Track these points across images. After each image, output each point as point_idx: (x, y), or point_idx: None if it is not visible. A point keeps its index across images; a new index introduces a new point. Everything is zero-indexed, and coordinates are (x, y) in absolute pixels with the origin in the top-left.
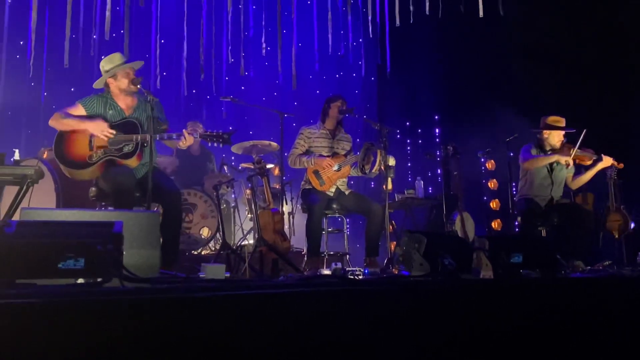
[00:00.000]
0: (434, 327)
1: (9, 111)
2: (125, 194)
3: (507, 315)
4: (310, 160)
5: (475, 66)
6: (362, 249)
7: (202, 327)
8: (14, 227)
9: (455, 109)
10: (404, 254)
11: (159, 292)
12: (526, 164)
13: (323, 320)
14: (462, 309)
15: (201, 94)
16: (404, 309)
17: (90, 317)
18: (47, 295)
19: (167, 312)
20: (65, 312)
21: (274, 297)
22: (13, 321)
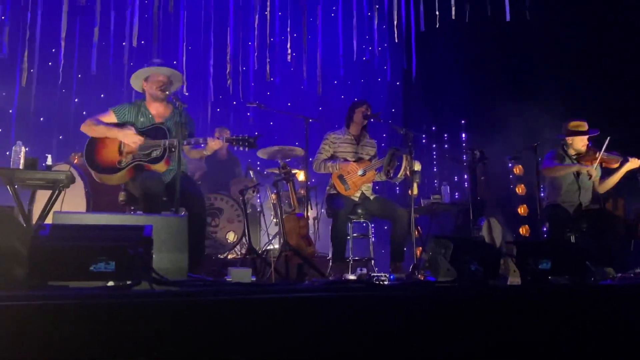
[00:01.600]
0: (460, 334)
1: (40, 117)
2: (153, 198)
3: (535, 322)
4: (335, 165)
5: (501, 70)
6: (387, 255)
7: (230, 330)
8: (48, 230)
9: (481, 113)
10: (430, 260)
11: (188, 295)
12: (545, 171)
13: (348, 325)
14: (489, 315)
15: (228, 100)
16: (430, 315)
17: (120, 320)
18: (79, 297)
19: (196, 314)
20: (96, 314)
21: (300, 302)
22: (46, 322)
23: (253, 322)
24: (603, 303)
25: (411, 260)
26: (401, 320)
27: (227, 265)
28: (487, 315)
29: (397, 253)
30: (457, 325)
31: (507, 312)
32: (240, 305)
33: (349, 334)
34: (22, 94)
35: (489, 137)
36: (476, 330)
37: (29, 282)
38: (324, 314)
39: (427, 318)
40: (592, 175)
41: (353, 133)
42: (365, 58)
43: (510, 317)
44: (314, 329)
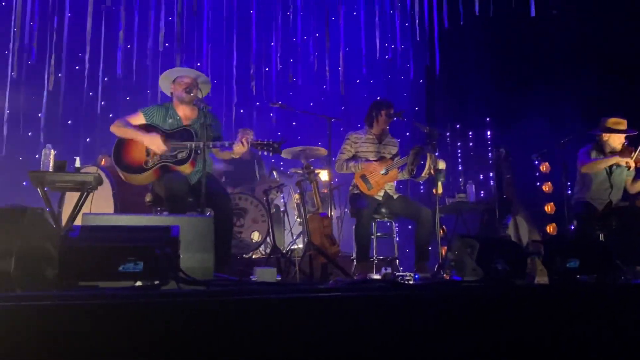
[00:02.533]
0: (486, 334)
1: (68, 120)
2: (178, 199)
3: (562, 322)
4: (357, 165)
5: (527, 66)
6: (412, 254)
7: (256, 328)
8: (78, 232)
9: (506, 110)
10: (456, 259)
11: (215, 294)
12: (584, 168)
13: (373, 325)
14: (516, 315)
15: (251, 101)
16: (456, 314)
17: (149, 319)
18: (109, 297)
19: (223, 314)
20: (125, 313)
21: (325, 301)
22: (76, 322)
23: (279, 321)
24: (633, 302)
25: (436, 259)
26: (427, 320)
27: (252, 265)
28: (514, 314)
29: (422, 252)
30: (484, 325)
31: (535, 311)
32: (266, 304)
33: (374, 334)
34: (50, 98)
35: (515, 134)
36: (503, 330)
37: (60, 282)
38: (349, 314)
39: (453, 318)
40: (630, 166)
41: (375, 132)
42: (387, 56)
43: (538, 317)
44: (339, 329)
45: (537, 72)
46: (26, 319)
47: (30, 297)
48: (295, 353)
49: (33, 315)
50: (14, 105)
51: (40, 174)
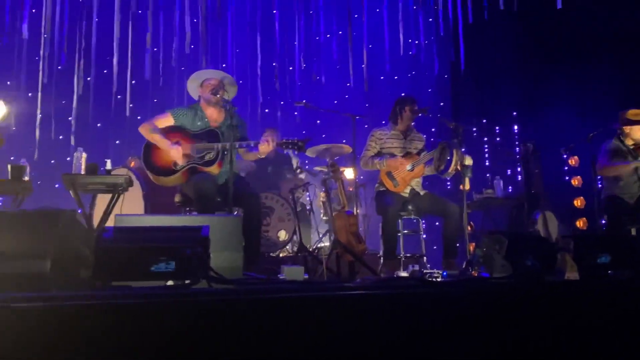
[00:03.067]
0: (516, 330)
1: (98, 123)
2: (207, 199)
3: (593, 318)
4: (382, 162)
5: (553, 59)
6: (440, 251)
7: (286, 326)
8: (111, 233)
9: (533, 104)
10: (484, 256)
11: (245, 293)
12: (601, 171)
13: (401, 322)
14: (546, 311)
15: (275, 100)
16: (484, 311)
17: (181, 317)
18: (142, 297)
19: (253, 312)
20: (158, 312)
21: (353, 299)
22: (111, 321)
23: (307, 319)
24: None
25: (464, 256)
26: (455, 317)
27: (280, 263)
28: (544, 311)
29: (450, 249)
30: (513, 322)
31: (565, 308)
32: (295, 302)
33: (402, 332)
34: (80, 101)
35: (542, 128)
36: (533, 326)
37: (94, 282)
38: (377, 312)
39: (482, 315)
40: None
41: (400, 129)
42: (411, 52)
43: (569, 313)
44: (367, 327)
45: (564, 64)
46: (62, 318)
47: (66, 297)
48: (324, 351)
49: (69, 315)
50: (45, 109)
51: (72, 177)
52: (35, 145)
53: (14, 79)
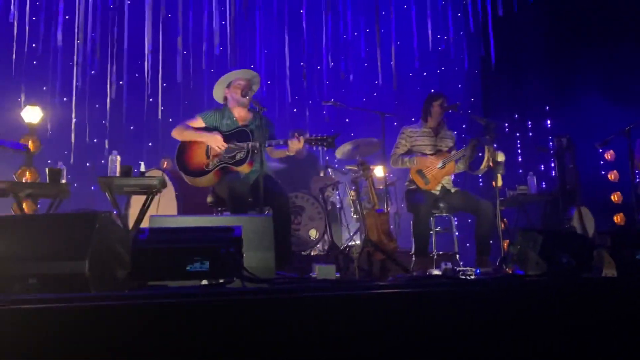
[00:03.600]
0: (551, 329)
1: (131, 126)
2: (239, 199)
3: (632, 316)
4: (412, 159)
5: (586, 51)
6: (473, 249)
7: (319, 324)
8: (147, 233)
9: (567, 98)
10: (518, 253)
11: (278, 292)
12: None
13: (434, 320)
14: (583, 310)
15: (303, 100)
16: (519, 309)
17: (216, 316)
18: (178, 296)
19: (287, 310)
20: (194, 312)
21: (385, 297)
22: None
23: (340, 317)
24: None
25: (498, 253)
26: (489, 315)
27: (311, 262)
28: (581, 309)
29: (483, 247)
30: (548, 320)
31: (603, 305)
32: (327, 301)
33: (434, 330)
34: (113, 105)
35: (576, 122)
36: (569, 325)
37: (131, 282)
38: (409, 310)
39: (516, 313)
40: None
41: (430, 126)
42: (440, 48)
43: (606, 311)
44: (400, 325)
45: (598, 55)
46: (102, 318)
47: (105, 297)
48: (357, 349)
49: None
50: (80, 114)
51: (108, 179)
52: (70, 149)
53: (49, 84)
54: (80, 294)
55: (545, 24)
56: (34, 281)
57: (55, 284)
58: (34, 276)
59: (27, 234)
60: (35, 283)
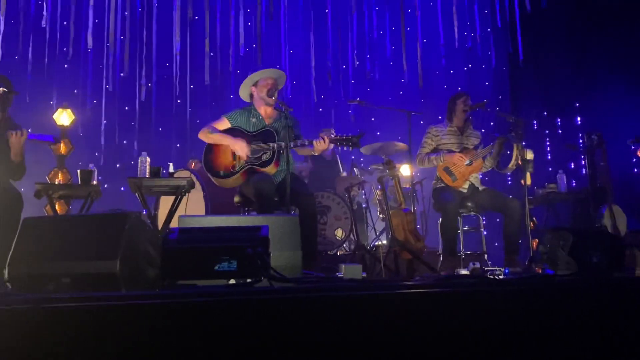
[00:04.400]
0: (583, 329)
1: (159, 127)
2: (265, 199)
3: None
4: (439, 157)
5: (617, 45)
6: (501, 248)
7: (346, 324)
8: (176, 233)
9: (597, 94)
10: (548, 252)
11: (305, 291)
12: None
13: (462, 320)
14: (614, 310)
15: (329, 99)
16: (549, 310)
17: (245, 315)
18: (207, 295)
19: (315, 310)
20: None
21: (413, 297)
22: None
23: (367, 317)
24: None
25: (527, 253)
26: (518, 316)
27: (338, 262)
28: (612, 310)
29: (512, 246)
30: (579, 321)
31: (635, 306)
32: (354, 300)
33: (462, 330)
34: (142, 107)
35: (607, 119)
36: (600, 326)
37: (161, 282)
38: (437, 310)
39: (546, 313)
40: None
41: (456, 125)
42: (467, 45)
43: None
44: (428, 325)
45: (629, 52)
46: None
47: (136, 296)
48: (384, 349)
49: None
50: (110, 116)
51: (137, 180)
52: (101, 150)
53: (80, 87)
54: (112, 293)
55: (574, 19)
56: (67, 280)
57: (87, 283)
58: (67, 276)
59: (60, 235)
60: (68, 282)
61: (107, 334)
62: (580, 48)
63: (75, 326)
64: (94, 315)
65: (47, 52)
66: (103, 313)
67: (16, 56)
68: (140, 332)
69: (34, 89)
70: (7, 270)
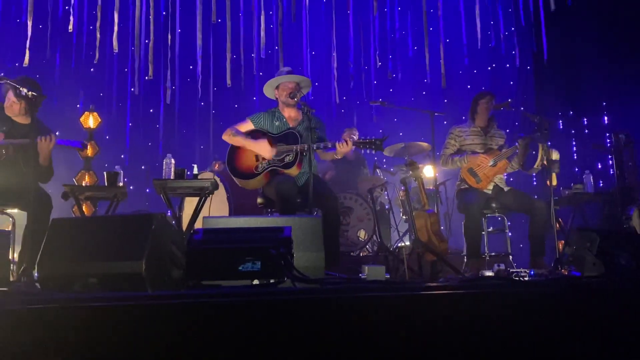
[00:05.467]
0: (611, 332)
1: (183, 129)
2: (288, 201)
3: None
4: (463, 158)
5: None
6: (527, 249)
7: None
8: (201, 234)
9: (624, 93)
10: (574, 254)
11: (329, 292)
12: None
13: (486, 323)
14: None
15: (351, 100)
16: (576, 312)
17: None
18: (232, 295)
19: (338, 311)
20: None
21: (437, 299)
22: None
23: (391, 318)
24: None
25: (553, 255)
26: (544, 318)
27: (361, 263)
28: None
29: (537, 247)
30: (606, 323)
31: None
32: (378, 301)
33: (487, 332)
34: (166, 109)
35: (635, 117)
36: (627, 329)
37: (186, 282)
38: (461, 311)
39: (573, 316)
40: None
41: (479, 125)
42: (491, 44)
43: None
44: (452, 326)
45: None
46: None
47: (161, 296)
48: (407, 350)
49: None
50: (135, 118)
51: (163, 182)
52: (126, 152)
53: (106, 90)
54: (138, 293)
55: (600, 17)
56: (94, 280)
57: (113, 283)
58: (93, 276)
59: (87, 235)
60: (95, 282)
61: (133, 333)
62: (607, 46)
63: (102, 325)
64: (120, 315)
65: (73, 56)
66: (129, 313)
67: (44, 60)
68: (165, 332)
69: (61, 93)
70: (36, 270)
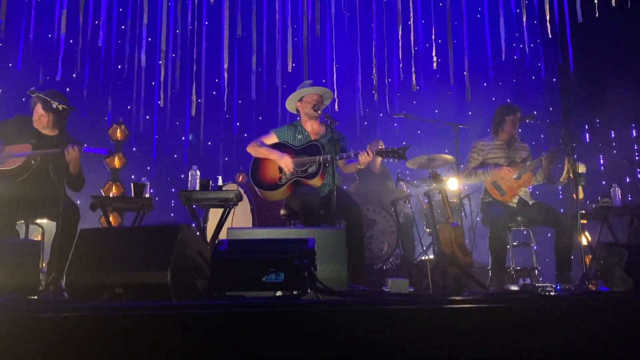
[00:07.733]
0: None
1: (208, 142)
2: (312, 212)
3: None
4: (486, 172)
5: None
6: (553, 264)
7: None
8: (225, 245)
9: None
10: (602, 269)
11: (352, 304)
12: None
13: (511, 338)
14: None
15: (375, 113)
16: (604, 328)
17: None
18: (256, 306)
19: (361, 323)
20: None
21: (461, 312)
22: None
23: (415, 331)
24: None
25: (580, 269)
26: (570, 333)
27: (384, 276)
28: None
29: (564, 262)
30: (637, 340)
31: None
32: (402, 315)
33: (512, 347)
34: (192, 122)
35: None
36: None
37: (210, 292)
38: (485, 326)
39: (601, 331)
40: None
41: (502, 138)
42: (516, 57)
43: None
44: (475, 340)
45: None
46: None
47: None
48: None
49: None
50: (161, 130)
51: (188, 193)
52: (152, 164)
53: (133, 103)
54: (163, 303)
55: (628, 28)
56: (120, 290)
57: (139, 293)
58: (120, 285)
59: (114, 246)
60: (121, 292)
61: (158, 342)
62: (635, 57)
63: (127, 334)
64: (146, 324)
65: (101, 70)
66: (154, 322)
67: (74, 74)
68: (189, 342)
69: (89, 105)
70: (64, 280)
